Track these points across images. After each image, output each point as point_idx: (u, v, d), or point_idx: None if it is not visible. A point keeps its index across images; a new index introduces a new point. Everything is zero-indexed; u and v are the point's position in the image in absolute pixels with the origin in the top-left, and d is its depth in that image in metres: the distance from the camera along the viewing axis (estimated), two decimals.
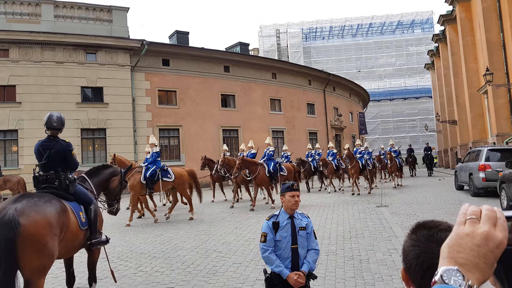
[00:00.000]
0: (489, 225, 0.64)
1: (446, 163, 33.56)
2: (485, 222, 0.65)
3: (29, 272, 3.00)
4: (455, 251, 0.64)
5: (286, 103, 26.94)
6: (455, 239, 0.65)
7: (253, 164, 11.79)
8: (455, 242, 0.65)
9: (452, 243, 0.65)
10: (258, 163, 11.99)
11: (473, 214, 0.66)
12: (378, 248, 6.11)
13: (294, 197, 2.93)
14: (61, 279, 4.95)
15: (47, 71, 18.88)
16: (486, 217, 0.65)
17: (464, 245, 0.64)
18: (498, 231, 0.64)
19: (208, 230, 8.36)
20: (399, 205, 10.92)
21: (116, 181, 4.75)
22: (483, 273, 0.62)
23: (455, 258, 0.63)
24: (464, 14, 24.37)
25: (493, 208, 0.67)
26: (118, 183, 4.78)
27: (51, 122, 3.82)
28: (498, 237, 0.63)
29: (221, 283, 4.76)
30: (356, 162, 14.89)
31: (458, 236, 0.65)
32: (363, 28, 49.55)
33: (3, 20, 19.00)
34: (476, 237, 0.63)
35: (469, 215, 0.66)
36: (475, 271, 0.62)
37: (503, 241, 0.63)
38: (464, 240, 0.64)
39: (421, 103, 46.76)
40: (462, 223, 0.66)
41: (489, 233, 0.63)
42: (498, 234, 0.63)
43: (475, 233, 0.64)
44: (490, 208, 0.67)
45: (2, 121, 18.07)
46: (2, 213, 2.97)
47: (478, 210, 0.67)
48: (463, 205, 0.71)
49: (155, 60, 21.45)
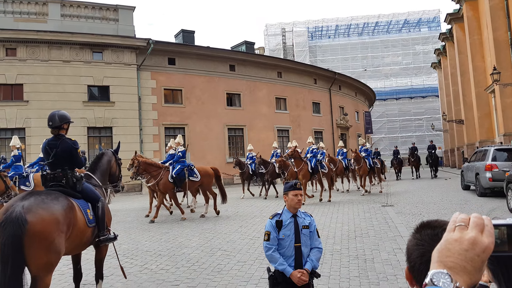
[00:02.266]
0: (476, 231, 0.68)
1: (452, 162, 33.32)
2: (472, 228, 0.69)
3: (36, 268, 3.04)
4: (444, 256, 0.68)
5: (292, 102, 26.91)
6: (444, 244, 0.69)
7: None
8: (444, 247, 0.69)
9: (441, 248, 0.69)
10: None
11: (462, 221, 0.71)
12: (383, 247, 6.10)
13: (297, 196, 2.95)
14: (67, 276, 5.01)
15: (54, 70, 19.04)
16: (473, 224, 0.69)
17: (452, 249, 0.67)
18: (485, 236, 0.68)
19: (213, 228, 8.40)
20: (405, 205, 10.88)
21: (114, 164, 4.85)
22: (470, 276, 0.65)
23: (444, 262, 0.67)
24: (471, 12, 24.16)
25: (481, 216, 0.71)
26: (116, 165, 4.87)
27: (48, 121, 3.87)
28: (484, 242, 0.67)
29: (225, 281, 4.78)
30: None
31: (447, 242, 0.69)
32: (369, 27, 49.29)
33: (11, 19, 19.18)
34: (464, 242, 0.67)
35: (458, 222, 0.71)
36: (463, 274, 0.65)
37: (489, 246, 0.67)
38: (452, 245, 0.68)
39: (428, 102, 46.44)
40: (451, 230, 0.70)
41: (476, 239, 0.67)
42: (485, 240, 0.67)
43: (463, 238, 0.68)
44: (478, 216, 0.71)
45: (9, 120, 18.27)
46: (10, 211, 3.02)
47: (467, 218, 0.71)
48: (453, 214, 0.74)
49: (161, 59, 21.54)
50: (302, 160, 12.51)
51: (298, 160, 12.35)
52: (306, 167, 12.41)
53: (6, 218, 2.97)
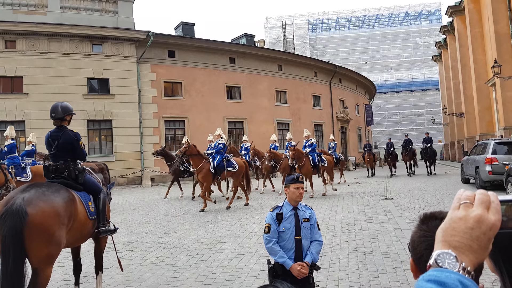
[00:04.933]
0: (482, 209, 0.66)
1: (452, 156, 33.36)
2: (478, 205, 0.66)
3: (37, 260, 3.05)
4: (449, 235, 0.65)
5: (292, 95, 26.84)
6: (449, 223, 0.67)
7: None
8: (449, 226, 0.66)
9: (446, 227, 0.67)
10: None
11: (467, 198, 0.68)
12: (383, 240, 6.13)
13: (298, 189, 2.95)
14: (67, 267, 5.03)
15: (53, 62, 18.96)
16: (479, 201, 0.67)
17: (457, 228, 0.65)
18: (491, 214, 0.65)
19: (213, 221, 8.43)
20: (404, 198, 10.91)
21: None
22: (476, 255, 0.63)
23: (449, 242, 0.65)
24: (472, 5, 24.00)
25: (487, 192, 0.68)
26: None
27: (51, 112, 3.87)
28: (491, 219, 0.65)
29: (225, 273, 4.81)
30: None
31: (452, 220, 0.66)
32: (370, 20, 49.01)
33: (10, 11, 19.04)
34: (469, 220, 0.65)
35: (463, 200, 0.68)
36: (468, 253, 0.63)
37: (495, 223, 0.65)
38: (457, 223, 0.65)
39: (428, 95, 46.37)
40: (456, 208, 0.68)
41: (482, 216, 0.65)
42: (491, 217, 0.65)
43: (468, 216, 0.65)
44: (483, 192, 0.68)
45: (9, 112, 18.23)
46: (10, 203, 3.02)
47: (472, 195, 0.69)
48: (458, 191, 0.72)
49: (161, 52, 21.43)
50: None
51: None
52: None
53: (7, 211, 2.97)
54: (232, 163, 10.74)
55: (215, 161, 10.38)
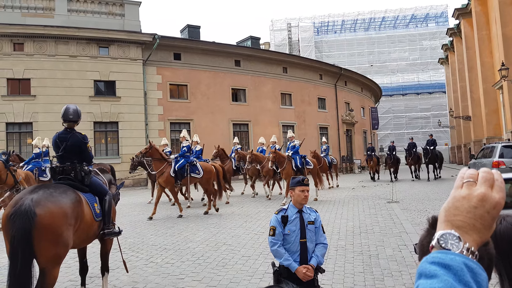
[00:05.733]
0: (485, 187, 0.64)
1: (459, 159, 33.10)
2: (481, 184, 0.65)
3: (45, 261, 3.09)
4: (451, 214, 0.64)
5: (297, 98, 26.83)
6: (452, 202, 0.65)
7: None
8: (451, 205, 0.65)
9: (449, 207, 0.65)
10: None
11: (470, 177, 0.66)
12: (388, 243, 6.10)
13: (304, 191, 2.95)
14: (74, 268, 5.07)
15: (61, 64, 19.15)
16: (482, 179, 0.65)
17: (460, 207, 0.63)
18: (495, 192, 0.64)
19: (218, 223, 8.44)
20: (410, 201, 10.85)
21: None
22: (480, 234, 0.62)
23: (452, 221, 0.63)
24: (479, 7, 23.86)
25: (490, 170, 0.67)
26: None
27: (67, 114, 3.90)
28: (495, 198, 0.63)
29: (230, 275, 4.81)
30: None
31: (455, 199, 0.65)
32: (376, 22, 48.90)
33: (18, 14, 19.28)
34: (473, 199, 0.63)
35: (466, 179, 0.66)
36: (472, 232, 0.62)
37: (500, 201, 0.63)
38: (460, 202, 0.64)
39: (435, 98, 46.08)
40: (459, 186, 0.66)
41: (485, 195, 0.63)
42: (495, 195, 0.63)
43: (472, 195, 0.64)
44: (487, 171, 0.67)
45: (17, 114, 18.43)
46: (19, 203, 3.06)
47: (475, 173, 0.67)
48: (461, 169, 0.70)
49: (166, 54, 21.56)
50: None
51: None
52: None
53: (16, 211, 3.01)
54: (197, 169, 10.09)
55: (176, 165, 9.83)
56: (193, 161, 10.25)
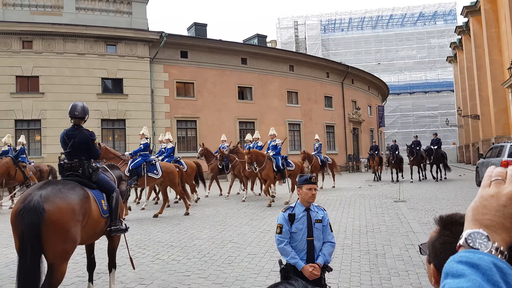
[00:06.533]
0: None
1: (467, 158, 32.80)
2: (510, 182, 0.63)
3: (53, 256, 3.12)
4: (479, 213, 0.62)
5: (303, 96, 26.75)
6: (480, 201, 0.63)
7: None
8: (479, 204, 0.63)
9: (476, 205, 0.63)
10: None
11: (498, 175, 0.65)
12: (395, 243, 6.06)
13: (311, 190, 2.94)
14: (81, 264, 5.11)
15: (69, 62, 19.29)
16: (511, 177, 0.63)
17: (489, 206, 0.62)
18: None
19: (224, 221, 8.45)
20: (417, 201, 10.77)
21: None
22: (510, 233, 0.60)
23: (480, 220, 0.62)
24: (488, 5, 23.56)
25: None
26: None
27: (73, 111, 3.94)
28: None
29: (236, 273, 4.82)
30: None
31: (483, 198, 0.63)
32: (383, 20, 48.54)
33: (27, 12, 19.44)
34: (502, 197, 0.62)
35: (494, 177, 0.65)
36: (501, 232, 0.60)
37: None
38: (488, 201, 0.62)
39: (443, 97, 45.68)
40: (487, 185, 0.65)
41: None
42: None
43: (500, 194, 0.62)
44: None
45: (26, 111, 18.61)
46: (28, 199, 3.09)
47: (504, 172, 0.65)
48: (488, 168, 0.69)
49: (173, 52, 21.61)
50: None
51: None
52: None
53: (25, 207, 3.04)
54: (156, 169, 9.41)
55: (132, 164, 9.38)
56: (151, 161, 9.67)
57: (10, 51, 18.55)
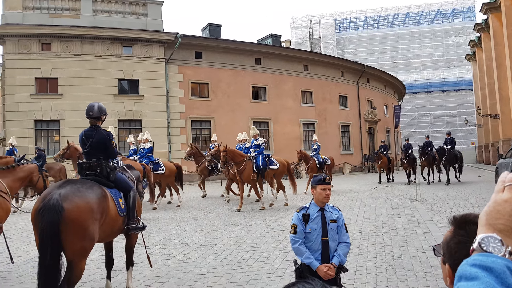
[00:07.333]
0: None
1: (487, 159, 32.05)
2: None
3: (72, 253, 3.20)
4: (493, 218, 0.63)
5: (318, 95, 26.59)
6: (493, 206, 0.64)
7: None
8: (493, 209, 0.63)
9: (490, 210, 0.64)
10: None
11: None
12: (412, 244, 5.97)
13: (325, 190, 2.93)
14: (99, 262, 5.21)
15: (86, 64, 19.68)
16: None
17: (502, 211, 0.62)
18: None
19: (238, 220, 8.49)
20: (435, 202, 10.58)
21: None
22: None
23: (494, 225, 0.62)
24: (509, 1, 22.96)
25: None
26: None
27: (89, 111, 4.04)
28: None
29: (251, 272, 4.83)
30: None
31: (496, 203, 0.64)
32: (400, 18, 47.87)
33: (46, 15, 19.91)
34: None
35: (507, 182, 0.65)
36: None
37: None
38: (502, 206, 0.63)
39: (461, 96, 44.76)
40: (500, 190, 0.65)
41: None
42: None
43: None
44: None
45: (45, 112, 19.07)
46: (47, 198, 3.17)
47: None
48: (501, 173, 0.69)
49: (188, 53, 21.80)
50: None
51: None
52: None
53: (44, 205, 3.12)
54: (160, 166, 10.60)
55: None
56: (156, 160, 10.85)
57: (30, 53, 19.03)
